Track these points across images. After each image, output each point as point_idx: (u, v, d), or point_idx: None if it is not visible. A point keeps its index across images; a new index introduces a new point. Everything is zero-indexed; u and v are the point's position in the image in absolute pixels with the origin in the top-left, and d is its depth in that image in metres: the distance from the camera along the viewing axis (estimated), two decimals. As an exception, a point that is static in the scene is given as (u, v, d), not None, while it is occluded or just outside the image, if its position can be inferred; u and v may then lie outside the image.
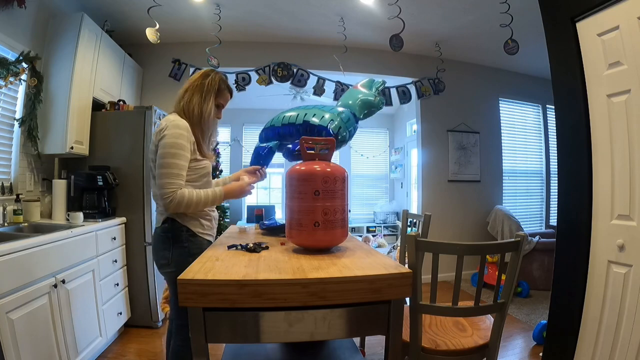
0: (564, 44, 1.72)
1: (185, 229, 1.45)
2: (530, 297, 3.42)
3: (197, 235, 1.47)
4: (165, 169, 1.34)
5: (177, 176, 1.35)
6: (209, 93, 1.50)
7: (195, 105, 1.47)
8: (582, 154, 1.66)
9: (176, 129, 1.38)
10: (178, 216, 1.44)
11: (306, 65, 3.67)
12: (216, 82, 1.52)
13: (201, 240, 1.48)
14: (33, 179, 2.39)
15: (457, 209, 4.15)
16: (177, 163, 1.35)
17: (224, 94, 1.57)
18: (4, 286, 1.42)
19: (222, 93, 1.56)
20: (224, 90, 1.56)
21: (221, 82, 1.55)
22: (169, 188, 1.33)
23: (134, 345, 2.43)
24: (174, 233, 1.44)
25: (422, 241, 1.18)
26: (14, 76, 2.09)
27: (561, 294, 1.77)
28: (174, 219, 1.44)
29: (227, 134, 6.01)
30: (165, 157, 1.35)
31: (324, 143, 1.36)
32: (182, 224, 1.44)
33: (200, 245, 1.46)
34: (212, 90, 1.50)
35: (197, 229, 1.48)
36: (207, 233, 1.53)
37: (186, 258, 1.38)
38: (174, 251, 1.43)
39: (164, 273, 1.49)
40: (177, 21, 3.13)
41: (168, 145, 1.35)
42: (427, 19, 3.18)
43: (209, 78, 1.51)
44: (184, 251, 1.43)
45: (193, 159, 1.43)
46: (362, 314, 1.04)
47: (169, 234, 1.44)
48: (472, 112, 4.23)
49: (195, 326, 0.97)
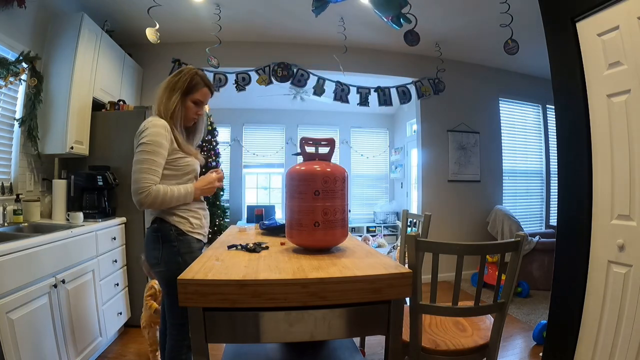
0: (564, 44, 1.72)
1: (174, 228, 1.44)
2: (530, 297, 3.42)
3: (185, 234, 1.46)
4: (140, 165, 1.34)
5: (152, 172, 1.34)
6: (179, 90, 1.46)
7: (171, 104, 1.45)
8: (582, 154, 1.66)
9: (153, 127, 1.38)
10: (166, 216, 1.44)
11: (306, 65, 3.67)
12: (187, 78, 1.46)
13: (190, 239, 1.47)
14: (33, 179, 2.39)
15: (457, 209, 4.15)
16: (152, 159, 1.34)
17: (197, 89, 1.49)
18: (4, 286, 1.42)
19: (196, 89, 1.48)
20: (198, 84, 1.49)
21: (195, 76, 1.48)
22: (143, 183, 1.33)
23: (134, 345, 2.43)
24: (162, 233, 1.44)
25: (422, 241, 1.18)
26: (14, 76, 2.09)
27: (561, 294, 1.77)
28: (162, 218, 1.44)
29: (227, 134, 6.01)
30: (141, 153, 1.35)
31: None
32: (171, 224, 1.44)
33: (189, 244, 1.46)
34: (182, 86, 1.46)
35: (185, 227, 1.46)
36: (197, 231, 1.51)
37: (175, 257, 1.40)
38: (164, 250, 1.43)
39: (155, 272, 1.49)
40: (177, 21, 3.13)
41: (144, 143, 1.35)
42: (427, 19, 3.17)
43: (181, 74, 1.48)
44: (172, 250, 1.42)
45: (174, 156, 1.43)
46: (362, 314, 1.04)
47: (158, 233, 1.44)
48: (472, 112, 4.22)
49: (195, 326, 0.97)
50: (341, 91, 3.72)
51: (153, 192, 1.33)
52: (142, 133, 1.38)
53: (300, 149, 1.33)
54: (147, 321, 2.13)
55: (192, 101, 1.49)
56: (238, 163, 6.03)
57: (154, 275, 2.23)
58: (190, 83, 1.47)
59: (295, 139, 6.05)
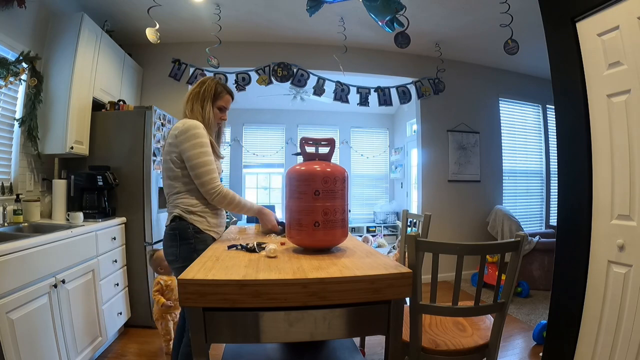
0: (564, 44, 1.72)
1: (192, 226, 1.52)
2: (530, 297, 3.42)
3: (202, 232, 1.54)
4: (204, 168, 1.48)
5: (214, 171, 1.50)
6: (206, 99, 1.60)
7: (197, 113, 1.58)
8: (582, 153, 1.66)
9: (196, 129, 1.50)
10: (185, 214, 1.53)
11: (306, 65, 3.67)
12: (212, 88, 1.62)
13: (206, 237, 1.55)
14: (33, 179, 2.39)
15: (457, 209, 4.15)
16: (211, 160, 1.50)
17: (222, 96, 1.65)
18: (4, 286, 1.42)
19: (219, 96, 1.65)
20: (221, 93, 1.65)
21: (217, 86, 1.64)
22: (214, 183, 1.50)
23: (134, 345, 2.43)
24: (180, 230, 1.52)
25: (422, 241, 1.18)
26: (14, 76, 2.09)
27: (561, 294, 1.77)
28: (181, 217, 1.53)
29: (227, 134, 6.01)
30: (199, 156, 1.47)
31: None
32: (189, 222, 1.52)
33: (205, 241, 1.53)
34: (209, 96, 1.61)
35: (203, 225, 1.55)
36: (213, 230, 1.59)
37: (191, 254, 1.45)
38: (181, 247, 1.51)
39: (173, 269, 1.58)
40: (177, 21, 3.13)
41: (198, 145, 1.48)
42: (427, 19, 3.18)
43: (205, 85, 1.62)
44: (189, 247, 1.50)
45: None
46: (362, 314, 1.04)
47: (176, 231, 1.52)
48: (472, 112, 4.22)
49: (195, 326, 0.97)
50: (341, 91, 3.72)
51: (224, 191, 1.51)
52: (192, 132, 1.48)
53: (300, 149, 1.33)
54: (158, 314, 2.29)
55: (217, 108, 1.65)
56: (238, 163, 6.03)
57: (162, 271, 2.31)
58: (215, 91, 1.63)
59: (295, 139, 6.05)
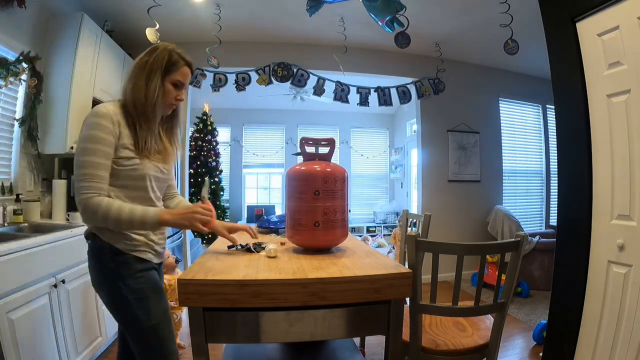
0: (564, 44, 1.72)
1: (108, 246, 1.13)
2: (530, 297, 3.42)
3: (123, 253, 1.14)
4: (78, 170, 1.07)
5: (93, 177, 1.06)
6: (154, 72, 1.17)
7: (138, 91, 1.15)
8: (582, 154, 1.66)
9: (93, 117, 1.10)
10: (98, 230, 1.14)
11: (306, 65, 3.67)
12: (164, 57, 1.19)
13: (129, 259, 1.15)
14: (33, 179, 2.39)
15: (457, 209, 4.15)
16: (92, 161, 1.06)
17: (177, 68, 1.22)
18: (4, 286, 1.42)
19: (174, 68, 1.21)
20: (177, 63, 1.21)
21: (172, 53, 1.21)
22: (83, 193, 1.05)
23: (134, 345, 2.42)
24: (96, 252, 1.16)
25: (422, 241, 1.18)
26: (14, 76, 2.08)
27: (561, 294, 1.77)
28: (95, 233, 1.15)
29: (227, 134, 6.01)
30: (78, 154, 1.08)
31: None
32: (104, 240, 1.13)
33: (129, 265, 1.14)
34: (158, 67, 1.18)
35: (120, 245, 1.14)
36: (140, 249, 1.17)
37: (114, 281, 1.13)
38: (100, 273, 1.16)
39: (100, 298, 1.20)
40: (177, 21, 3.13)
41: (81, 139, 1.09)
42: (427, 19, 3.18)
43: (156, 53, 1.19)
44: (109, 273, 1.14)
45: (122, 157, 1.12)
46: (362, 314, 1.04)
47: (91, 252, 1.17)
48: (472, 112, 4.22)
49: (196, 326, 0.97)
50: (341, 91, 3.72)
51: (92, 205, 1.05)
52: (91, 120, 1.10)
53: (300, 149, 1.33)
54: None
55: (171, 83, 1.21)
56: (238, 163, 6.03)
57: (164, 270, 1.88)
58: (169, 62, 1.19)
59: (295, 139, 6.05)
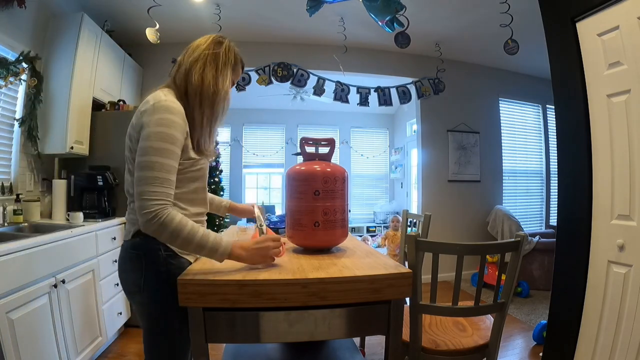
0: (564, 44, 1.72)
1: (164, 247, 1.05)
2: (530, 297, 3.42)
3: (178, 256, 1.07)
4: (148, 172, 0.94)
5: (164, 182, 0.95)
6: (226, 66, 1.12)
7: (211, 80, 1.07)
8: (582, 154, 1.66)
9: (167, 113, 0.97)
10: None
11: (306, 65, 3.66)
12: (233, 53, 1.15)
13: (184, 262, 1.09)
14: (33, 179, 2.39)
15: (457, 209, 4.15)
16: (165, 163, 0.96)
17: (238, 68, 1.20)
18: (4, 286, 1.42)
19: (237, 67, 1.19)
20: (239, 63, 1.20)
21: (237, 52, 1.19)
22: (153, 200, 0.93)
23: (134, 345, 2.43)
24: (147, 252, 1.05)
25: (422, 241, 1.18)
26: (14, 76, 2.09)
27: (561, 294, 1.77)
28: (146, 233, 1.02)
29: (227, 134, 6.01)
30: (148, 152, 0.95)
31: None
32: (159, 241, 1.03)
33: (182, 268, 1.06)
34: (229, 62, 1.13)
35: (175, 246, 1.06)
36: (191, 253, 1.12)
37: (162, 286, 1.03)
38: (147, 275, 1.05)
39: (134, 302, 1.12)
40: (177, 21, 3.13)
41: (151, 136, 0.95)
42: (427, 19, 3.18)
43: (224, 46, 1.13)
44: (160, 277, 1.04)
45: (186, 158, 1.05)
46: (362, 314, 1.04)
47: (140, 252, 1.06)
48: (472, 112, 4.23)
49: (195, 326, 0.97)
50: (341, 91, 3.71)
51: (165, 218, 0.94)
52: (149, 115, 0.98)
53: (300, 149, 1.33)
54: None
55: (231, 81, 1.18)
56: (238, 163, 6.03)
57: None
58: (235, 59, 1.16)
59: (295, 139, 6.05)
